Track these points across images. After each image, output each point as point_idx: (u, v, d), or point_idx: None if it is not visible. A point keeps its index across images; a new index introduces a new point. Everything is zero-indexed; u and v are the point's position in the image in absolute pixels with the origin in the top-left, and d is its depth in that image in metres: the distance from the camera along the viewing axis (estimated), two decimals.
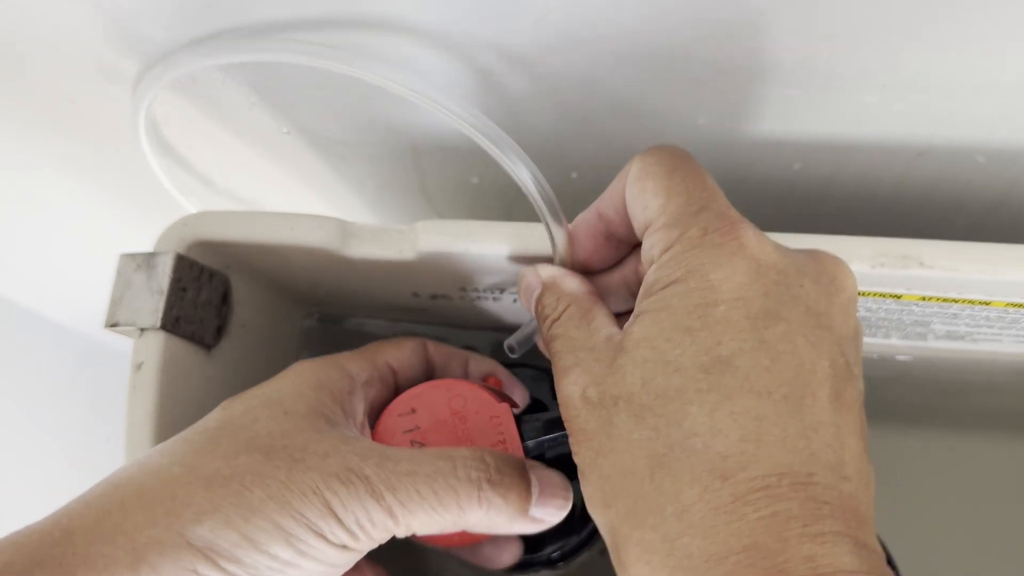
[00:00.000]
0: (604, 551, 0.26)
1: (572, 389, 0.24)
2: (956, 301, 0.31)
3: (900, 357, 0.38)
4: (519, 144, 0.28)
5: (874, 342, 0.36)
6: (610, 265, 0.29)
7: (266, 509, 0.25)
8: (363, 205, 0.45)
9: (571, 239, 0.28)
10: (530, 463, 0.29)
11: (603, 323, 0.26)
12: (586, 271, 0.29)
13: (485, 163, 0.39)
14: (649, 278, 0.24)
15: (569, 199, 0.29)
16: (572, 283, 0.28)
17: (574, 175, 0.39)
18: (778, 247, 0.24)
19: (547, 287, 0.28)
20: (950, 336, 0.35)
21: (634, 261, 0.29)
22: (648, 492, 0.22)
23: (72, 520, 0.24)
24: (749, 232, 0.24)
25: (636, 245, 0.28)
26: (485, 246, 0.30)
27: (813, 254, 0.25)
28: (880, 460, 0.26)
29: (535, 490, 0.28)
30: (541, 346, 0.29)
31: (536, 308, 0.28)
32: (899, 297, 0.31)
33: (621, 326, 0.25)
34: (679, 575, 0.21)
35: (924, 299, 0.31)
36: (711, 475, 0.21)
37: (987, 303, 0.31)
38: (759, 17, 0.27)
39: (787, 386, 0.22)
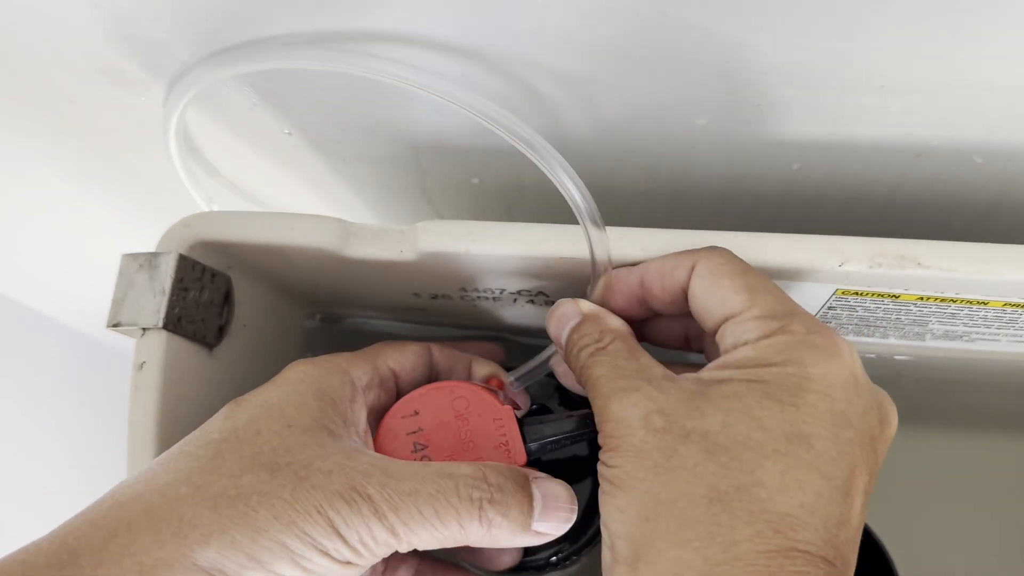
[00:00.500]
0: None
1: (632, 411, 0.26)
2: (954, 301, 0.31)
3: (898, 357, 0.38)
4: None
5: (872, 342, 0.36)
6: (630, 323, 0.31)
7: (271, 529, 0.25)
8: (363, 205, 0.45)
9: (608, 288, 0.30)
10: (534, 475, 0.29)
11: (651, 361, 0.28)
12: None
13: (485, 164, 0.39)
14: (743, 353, 0.26)
15: None
16: (616, 321, 0.29)
17: None
18: (862, 366, 0.27)
19: (589, 318, 0.29)
20: (948, 336, 0.35)
21: (657, 324, 0.31)
22: (700, 517, 0.24)
23: (79, 541, 0.25)
24: (845, 342, 0.26)
25: (656, 315, 0.30)
26: (485, 247, 0.31)
27: (880, 390, 0.27)
28: None
29: (538, 505, 0.28)
30: (564, 377, 0.32)
31: (570, 335, 0.29)
32: (897, 297, 0.31)
33: None
34: None
35: (922, 299, 0.31)
36: (767, 524, 0.24)
37: (984, 303, 0.31)
38: (758, 18, 0.27)
39: (842, 480, 0.25)
